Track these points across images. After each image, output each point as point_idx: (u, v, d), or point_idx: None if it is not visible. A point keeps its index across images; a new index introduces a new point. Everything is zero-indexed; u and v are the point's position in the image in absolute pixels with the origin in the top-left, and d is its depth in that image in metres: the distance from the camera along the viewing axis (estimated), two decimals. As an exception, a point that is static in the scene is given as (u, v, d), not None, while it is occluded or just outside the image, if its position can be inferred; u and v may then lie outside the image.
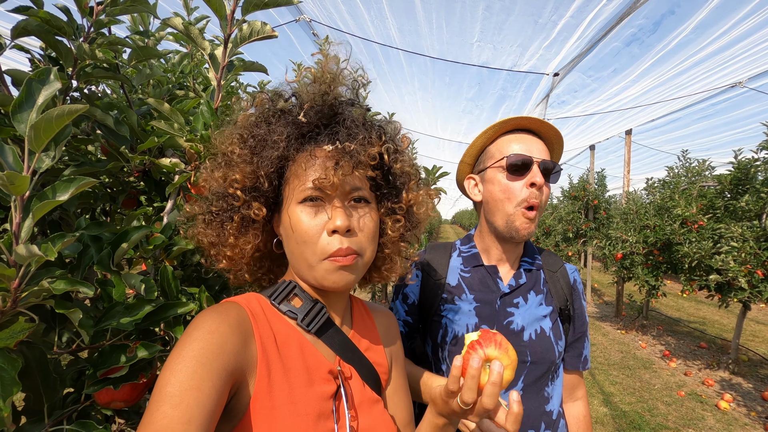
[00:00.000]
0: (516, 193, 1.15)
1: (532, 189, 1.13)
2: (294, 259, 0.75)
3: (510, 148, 1.18)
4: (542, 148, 1.18)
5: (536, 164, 1.14)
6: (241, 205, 0.76)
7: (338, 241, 0.71)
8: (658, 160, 12.75)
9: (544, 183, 1.14)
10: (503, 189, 1.17)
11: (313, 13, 4.63)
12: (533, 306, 1.22)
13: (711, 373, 5.59)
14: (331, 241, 0.71)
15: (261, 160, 0.74)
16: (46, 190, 0.61)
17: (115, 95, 1.57)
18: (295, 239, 0.72)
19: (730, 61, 5.40)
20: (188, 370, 0.56)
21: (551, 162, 1.16)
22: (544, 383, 1.17)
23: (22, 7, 0.97)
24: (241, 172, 0.74)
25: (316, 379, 0.72)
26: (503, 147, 1.20)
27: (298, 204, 0.73)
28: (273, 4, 1.01)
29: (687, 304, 9.73)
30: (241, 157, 0.76)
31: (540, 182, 1.12)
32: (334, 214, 0.71)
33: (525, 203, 1.14)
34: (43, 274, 0.72)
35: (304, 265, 0.73)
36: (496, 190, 1.19)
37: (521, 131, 1.22)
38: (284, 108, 0.79)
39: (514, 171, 1.15)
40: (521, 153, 1.15)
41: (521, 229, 1.15)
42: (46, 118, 0.53)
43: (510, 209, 1.16)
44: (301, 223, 0.71)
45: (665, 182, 7.30)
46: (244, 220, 0.77)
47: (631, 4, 3.88)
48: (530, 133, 1.22)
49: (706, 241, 5.40)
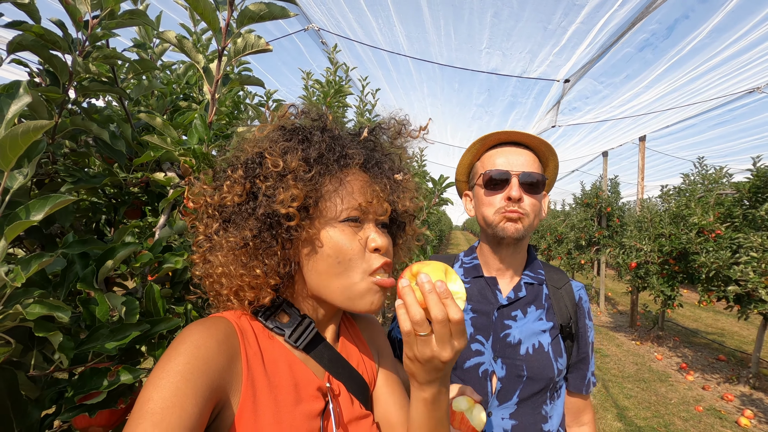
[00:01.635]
0: (494, 205, 1.18)
1: (509, 201, 1.15)
2: (324, 279, 0.72)
3: (491, 164, 1.20)
4: (527, 160, 1.18)
5: (514, 177, 1.15)
6: (295, 225, 0.70)
7: (382, 259, 0.73)
8: (673, 167, 12.49)
9: (521, 195, 1.14)
10: (485, 201, 1.20)
11: (322, 22, 4.65)
12: (531, 320, 1.20)
13: (731, 388, 5.40)
14: (374, 258, 0.73)
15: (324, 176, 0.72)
16: (19, 210, 0.59)
17: (118, 107, 1.58)
18: (335, 258, 0.71)
19: (747, 65, 5.26)
20: (171, 386, 0.55)
21: (534, 174, 1.16)
22: (542, 401, 1.14)
23: (17, 22, 0.96)
24: (302, 189, 0.69)
25: (304, 396, 0.70)
26: (486, 162, 1.23)
27: (339, 222, 0.72)
28: (268, 17, 0.99)
29: (704, 314, 9.46)
30: (302, 172, 0.70)
31: (516, 196, 1.13)
32: (375, 235, 0.73)
33: (503, 211, 1.16)
34: (22, 295, 0.70)
35: (339, 284, 0.72)
36: (481, 205, 1.22)
37: (508, 144, 1.23)
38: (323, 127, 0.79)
39: (492, 186, 1.18)
40: (499, 167, 1.17)
41: (507, 228, 1.16)
42: (11, 135, 0.51)
43: (491, 216, 1.18)
44: (344, 241, 0.71)
45: (681, 190, 7.12)
46: (285, 242, 0.71)
47: (644, 9, 3.80)
48: (518, 145, 1.22)
49: (724, 251, 5.24)
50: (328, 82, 2.85)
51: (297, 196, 0.68)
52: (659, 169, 13.46)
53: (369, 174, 0.77)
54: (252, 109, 2.24)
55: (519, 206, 1.14)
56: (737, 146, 9.92)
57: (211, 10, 0.92)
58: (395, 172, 0.81)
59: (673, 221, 6.60)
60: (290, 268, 0.73)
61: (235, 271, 0.70)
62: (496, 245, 1.24)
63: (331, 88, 2.61)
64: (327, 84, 2.75)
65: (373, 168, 0.78)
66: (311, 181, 0.70)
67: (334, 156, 0.73)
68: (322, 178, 0.72)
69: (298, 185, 0.69)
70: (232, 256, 0.71)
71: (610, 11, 3.94)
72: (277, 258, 0.71)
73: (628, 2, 3.76)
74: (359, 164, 0.76)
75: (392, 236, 0.86)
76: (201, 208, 0.77)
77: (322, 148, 0.73)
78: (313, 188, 0.70)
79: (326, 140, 0.75)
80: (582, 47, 4.70)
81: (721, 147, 10.13)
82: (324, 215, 0.72)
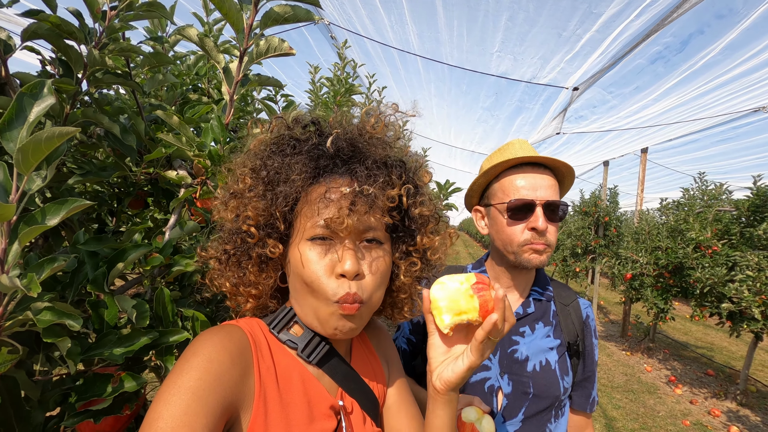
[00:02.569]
0: (518, 236, 1.13)
1: (534, 232, 1.11)
2: (298, 297, 0.71)
3: (513, 188, 1.15)
4: (549, 183, 1.14)
5: (539, 206, 1.11)
6: (255, 242, 0.71)
7: (346, 286, 0.66)
8: (673, 180, 12.52)
9: (547, 227, 1.11)
10: (506, 231, 1.16)
11: (333, 17, 4.59)
12: (539, 337, 1.19)
13: (718, 403, 5.44)
14: (339, 286, 0.66)
15: (275, 196, 0.69)
16: (36, 212, 0.57)
17: (129, 98, 1.55)
18: (302, 278, 0.68)
19: (755, 84, 5.25)
20: (182, 404, 0.53)
21: (557, 201, 1.12)
22: (547, 419, 1.14)
23: (34, 11, 0.94)
24: (253, 209, 0.69)
25: (317, 415, 0.69)
26: (507, 186, 1.17)
27: (307, 241, 0.68)
28: (293, 19, 0.97)
29: (695, 328, 9.53)
30: (253, 192, 0.70)
31: (542, 227, 1.09)
32: (344, 257, 0.66)
33: (528, 244, 1.12)
34: (32, 298, 0.68)
35: (307, 306, 0.69)
36: (500, 231, 1.18)
37: (528, 165, 1.18)
38: (301, 136, 0.74)
39: (515, 215, 1.13)
40: (523, 196, 1.12)
41: (532, 260, 1.13)
42: (35, 140, 0.49)
43: (515, 249, 1.15)
44: (309, 262, 0.67)
45: (680, 204, 7.14)
46: (261, 257, 0.73)
47: (660, 21, 3.78)
48: (538, 166, 1.18)
49: (720, 268, 5.26)
50: (338, 80, 2.81)
51: (250, 216, 0.70)
52: (659, 182, 13.48)
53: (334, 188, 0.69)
54: (260, 103, 2.21)
55: (545, 238, 1.12)
56: (738, 164, 9.95)
57: (235, 11, 0.89)
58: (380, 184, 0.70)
59: (670, 234, 6.62)
60: (275, 279, 0.75)
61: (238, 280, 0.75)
62: (514, 269, 1.22)
63: (341, 86, 2.57)
64: (337, 82, 2.71)
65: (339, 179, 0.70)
66: (263, 199, 0.69)
67: (286, 175, 0.69)
68: (274, 197, 0.69)
69: (250, 205, 0.70)
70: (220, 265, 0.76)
71: (626, 21, 3.91)
72: (250, 271, 0.72)
73: (645, 13, 3.73)
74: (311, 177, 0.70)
75: (405, 254, 0.78)
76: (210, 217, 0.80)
77: (275, 167, 0.70)
78: (265, 208, 0.69)
79: (285, 156, 0.71)
80: (594, 56, 4.68)
81: (722, 164, 10.16)
82: (296, 232, 0.71)
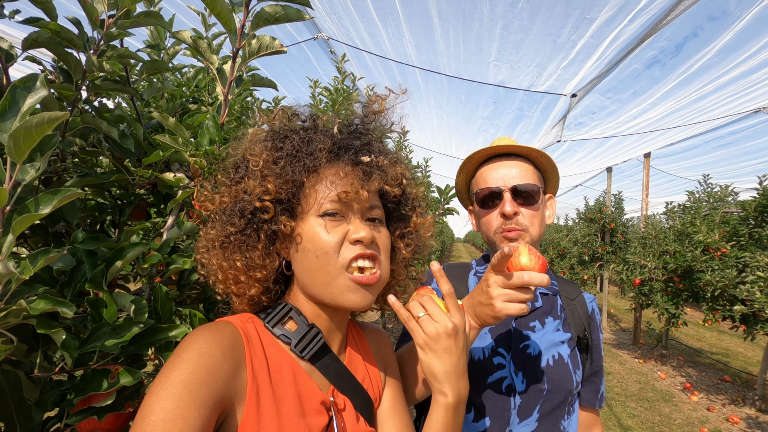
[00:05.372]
0: (491, 223, 1.16)
1: (504, 218, 1.13)
2: (309, 276, 0.72)
3: (482, 181, 1.19)
4: (518, 171, 1.15)
5: (506, 192, 1.13)
6: (270, 218, 0.73)
7: (359, 249, 0.70)
8: (678, 185, 12.46)
9: (516, 210, 1.12)
10: (482, 221, 1.19)
11: (331, 31, 4.69)
12: (550, 331, 1.17)
13: (736, 410, 5.29)
14: (353, 250, 0.70)
15: (294, 169, 0.72)
16: (28, 203, 0.58)
17: (128, 108, 1.58)
18: (314, 252, 0.70)
19: (754, 85, 5.26)
20: (174, 397, 0.53)
21: (526, 185, 1.13)
22: (560, 415, 1.11)
23: (33, 18, 0.96)
24: (273, 183, 0.71)
25: (308, 410, 0.68)
26: (478, 180, 1.22)
27: (318, 217, 0.71)
28: (284, 19, 0.99)
29: (709, 334, 9.34)
30: (276, 165, 0.73)
31: (509, 211, 1.11)
32: (358, 227, 0.70)
33: (500, 232, 1.14)
34: (27, 291, 0.68)
35: (321, 280, 0.71)
36: (480, 224, 1.22)
37: (499, 157, 1.20)
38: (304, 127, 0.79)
39: (484, 204, 1.17)
40: (489, 185, 1.16)
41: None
42: (25, 126, 0.50)
43: (492, 237, 1.16)
44: (321, 233, 0.70)
45: (686, 207, 7.08)
46: (269, 237, 0.74)
47: (654, 24, 3.82)
48: (510, 156, 1.19)
49: (730, 270, 5.19)
50: (336, 90, 2.88)
51: (269, 189, 0.71)
52: (663, 187, 13.43)
53: (348, 165, 0.75)
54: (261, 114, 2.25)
55: (516, 222, 1.11)
56: (741, 169, 9.91)
57: (227, 11, 0.92)
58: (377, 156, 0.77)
59: (677, 238, 6.56)
60: (279, 263, 0.75)
61: (220, 263, 0.75)
62: None
63: (339, 95, 2.63)
64: (335, 92, 2.78)
65: (350, 157, 0.76)
66: (282, 174, 0.72)
67: (308, 149, 0.74)
68: (294, 170, 0.72)
69: (269, 179, 0.71)
70: (218, 251, 0.75)
71: (620, 26, 3.96)
72: (259, 252, 0.72)
73: (638, 17, 3.77)
74: (328, 152, 0.75)
75: (401, 234, 0.85)
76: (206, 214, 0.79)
77: (296, 143, 0.74)
78: (286, 181, 0.72)
79: (302, 135, 0.76)
80: (590, 62, 4.72)
81: (724, 169, 10.13)
82: (305, 210, 0.73)
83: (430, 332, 0.74)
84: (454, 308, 0.77)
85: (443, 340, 0.73)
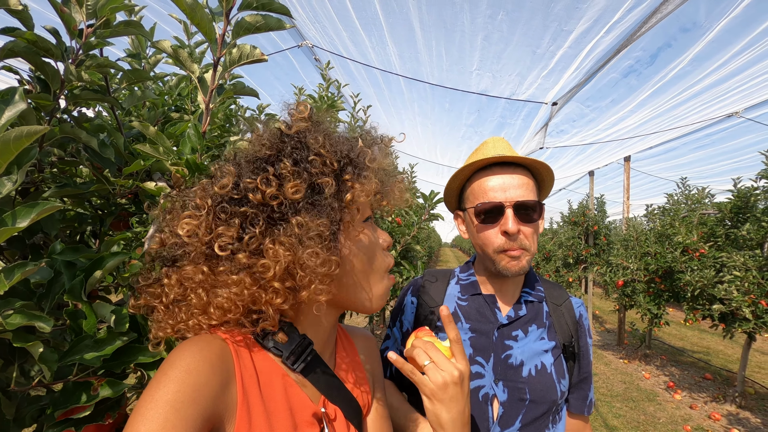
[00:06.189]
0: (492, 241, 1.10)
1: (506, 236, 1.08)
2: (358, 278, 0.73)
3: (482, 190, 1.12)
4: (520, 183, 1.10)
5: (509, 209, 1.07)
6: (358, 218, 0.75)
7: (392, 257, 0.79)
8: (657, 186, 12.79)
9: (518, 228, 1.06)
10: (480, 236, 1.14)
11: (316, 39, 4.72)
12: (533, 340, 1.15)
13: (717, 407, 5.41)
14: (389, 256, 0.78)
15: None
16: (5, 216, 0.57)
17: (109, 117, 1.56)
18: (368, 256, 0.73)
19: (727, 93, 5.45)
20: (159, 417, 0.51)
21: (529, 202, 1.08)
22: (545, 425, 1.09)
23: (9, 28, 0.95)
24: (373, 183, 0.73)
25: (300, 422, 0.67)
26: (477, 189, 1.14)
27: (364, 222, 0.74)
28: (264, 28, 1.00)
29: (690, 333, 9.55)
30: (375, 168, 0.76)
31: (512, 230, 1.05)
32: (383, 232, 0.79)
33: (502, 249, 1.09)
34: (2, 305, 0.67)
35: (368, 282, 0.74)
36: (475, 236, 1.16)
37: (500, 164, 1.14)
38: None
39: (485, 219, 1.10)
40: (491, 198, 1.09)
41: (511, 268, 1.09)
42: (3, 140, 0.49)
43: (492, 254, 1.11)
44: (373, 238, 0.75)
45: (665, 209, 7.27)
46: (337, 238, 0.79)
47: (628, 36, 3.94)
48: (509, 164, 1.13)
49: (708, 270, 5.33)
50: (321, 97, 2.87)
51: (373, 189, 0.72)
52: (644, 189, 13.76)
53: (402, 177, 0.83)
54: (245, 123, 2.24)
55: (518, 241, 1.07)
56: (717, 168, 10.24)
57: (207, 21, 0.92)
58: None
59: (658, 240, 6.72)
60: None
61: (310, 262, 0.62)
62: (495, 277, 1.19)
63: (324, 103, 2.63)
64: (320, 99, 2.78)
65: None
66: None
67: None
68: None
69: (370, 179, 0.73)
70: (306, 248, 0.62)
71: (597, 37, 4.08)
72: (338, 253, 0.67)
73: (614, 29, 3.90)
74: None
75: None
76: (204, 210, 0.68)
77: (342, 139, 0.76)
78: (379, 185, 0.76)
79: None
80: (569, 71, 4.84)
81: (702, 169, 10.44)
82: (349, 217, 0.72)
83: (437, 382, 0.75)
84: (459, 354, 0.78)
85: (450, 388, 0.75)
